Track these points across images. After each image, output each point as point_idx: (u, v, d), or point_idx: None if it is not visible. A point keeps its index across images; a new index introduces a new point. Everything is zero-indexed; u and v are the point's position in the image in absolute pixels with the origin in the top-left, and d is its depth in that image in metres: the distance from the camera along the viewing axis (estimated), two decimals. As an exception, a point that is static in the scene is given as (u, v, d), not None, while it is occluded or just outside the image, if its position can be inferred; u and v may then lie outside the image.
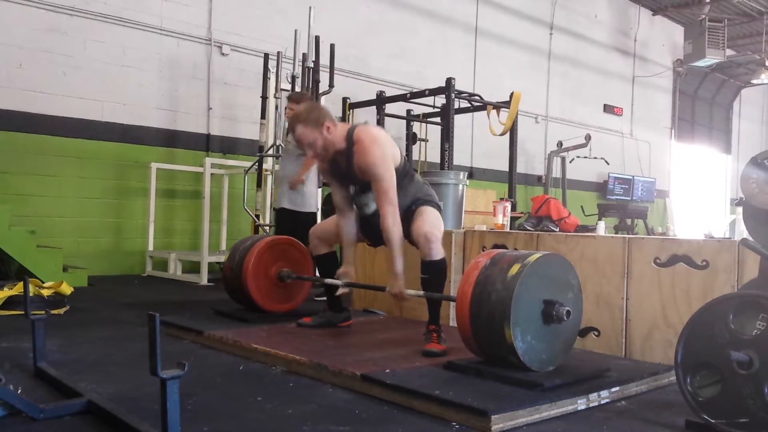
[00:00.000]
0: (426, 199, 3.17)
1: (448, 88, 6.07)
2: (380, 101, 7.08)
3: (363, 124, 3.15)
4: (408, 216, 3.07)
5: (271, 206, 6.16)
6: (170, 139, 6.73)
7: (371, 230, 3.24)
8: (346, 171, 3.10)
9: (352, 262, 3.32)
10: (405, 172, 3.10)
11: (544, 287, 2.52)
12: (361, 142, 2.98)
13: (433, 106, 7.32)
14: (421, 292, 2.99)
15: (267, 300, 3.72)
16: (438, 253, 2.97)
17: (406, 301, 3.11)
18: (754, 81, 13.13)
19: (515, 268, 2.46)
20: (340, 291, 3.28)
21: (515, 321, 2.38)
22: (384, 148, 2.98)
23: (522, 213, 7.68)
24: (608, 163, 10.65)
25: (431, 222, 3.03)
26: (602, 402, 2.38)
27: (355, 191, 3.16)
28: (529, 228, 5.25)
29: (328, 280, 3.35)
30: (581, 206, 9.81)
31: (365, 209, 3.15)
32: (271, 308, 3.74)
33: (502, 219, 4.36)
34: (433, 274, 3.00)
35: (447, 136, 6.01)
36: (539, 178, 10.50)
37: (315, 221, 4.90)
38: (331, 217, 3.46)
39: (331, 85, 6.18)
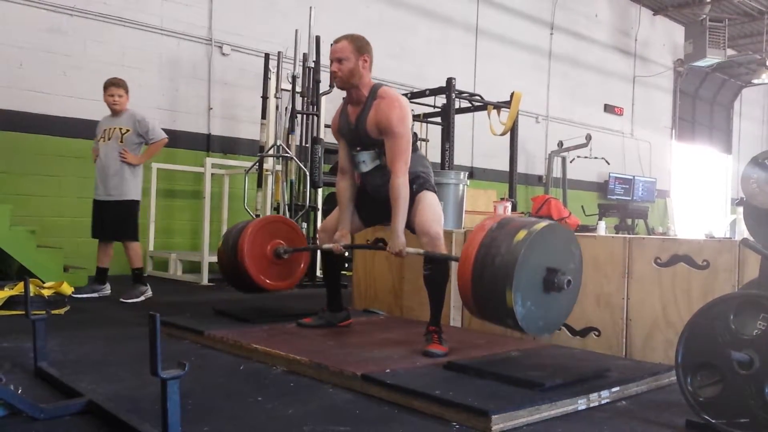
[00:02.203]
0: (425, 177, 3.17)
1: (448, 88, 6.07)
2: (380, 101, 7.06)
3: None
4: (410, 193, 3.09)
5: (271, 206, 6.16)
6: (170, 139, 6.64)
7: (367, 199, 3.27)
8: (354, 127, 3.13)
9: (349, 224, 3.32)
10: (412, 142, 3.15)
11: (548, 255, 2.51)
12: (385, 99, 3.06)
13: (434, 106, 7.31)
14: (422, 251, 3.00)
15: (266, 278, 3.68)
16: (441, 251, 3.01)
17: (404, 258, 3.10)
18: (755, 81, 13.12)
19: (522, 234, 2.45)
20: (333, 247, 3.28)
21: (517, 286, 2.38)
22: (406, 109, 3.06)
23: (522, 213, 7.67)
24: (609, 163, 10.65)
25: (434, 217, 3.06)
26: (602, 402, 2.37)
27: (355, 149, 3.19)
28: (529, 228, 5.23)
29: (326, 246, 3.34)
30: (582, 206, 9.80)
31: (361, 166, 3.17)
32: (272, 286, 3.73)
33: (503, 219, 4.34)
34: (437, 269, 3.03)
35: (447, 136, 6.01)
36: (540, 178, 10.50)
37: (135, 210, 4.83)
38: (334, 211, 3.46)
39: (331, 85, 6.15)
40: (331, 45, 3.18)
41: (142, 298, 4.75)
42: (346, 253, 3.51)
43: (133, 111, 4.93)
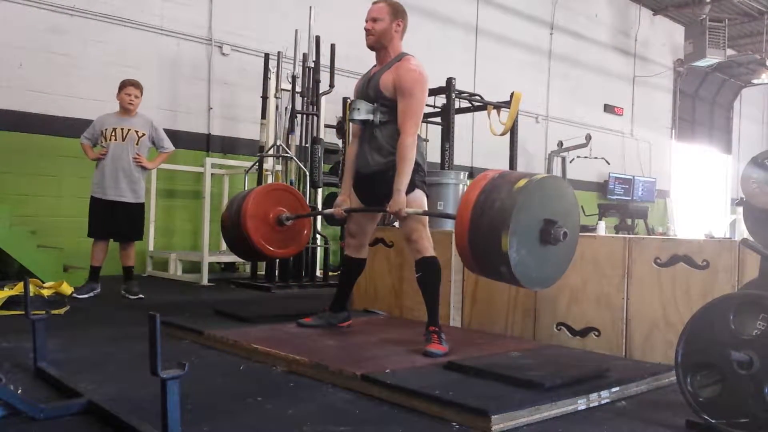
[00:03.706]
0: (418, 163, 3.11)
1: (448, 88, 6.05)
2: (380, 101, 7.05)
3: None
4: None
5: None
6: (170, 139, 6.70)
7: (359, 180, 3.26)
8: (369, 80, 3.19)
9: (351, 191, 3.34)
10: None
11: (547, 206, 2.52)
12: (407, 63, 3.11)
13: (434, 106, 7.30)
14: (420, 210, 3.02)
15: (268, 244, 3.65)
16: (427, 250, 3.03)
17: (404, 219, 3.06)
18: (755, 81, 13.12)
19: (522, 182, 2.47)
20: (335, 211, 3.30)
21: (513, 231, 2.37)
22: (425, 78, 3.11)
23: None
24: (609, 163, 10.64)
25: (415, 226, 3.04)
26: (602, 402, 2.38)
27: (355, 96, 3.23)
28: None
29: (327, 211, 3.40)
30: (581, 206, 9.74)
31: (354, 113, 3.17)
32: (273, 253, 3.72)
33: (503, 219, 4.35)
34: (427, 270, 3.04)
35: (447, 136, 6.00)
36: (540, 178, 10.49)
37: (144, 211, 4.97)
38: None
39: (331, 85, 6.18)
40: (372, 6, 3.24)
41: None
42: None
43: (146, 115, 4.97)
